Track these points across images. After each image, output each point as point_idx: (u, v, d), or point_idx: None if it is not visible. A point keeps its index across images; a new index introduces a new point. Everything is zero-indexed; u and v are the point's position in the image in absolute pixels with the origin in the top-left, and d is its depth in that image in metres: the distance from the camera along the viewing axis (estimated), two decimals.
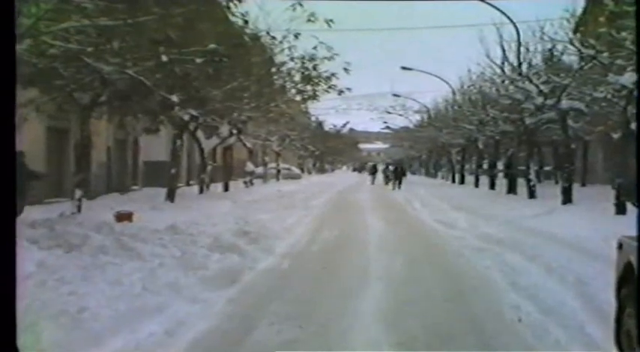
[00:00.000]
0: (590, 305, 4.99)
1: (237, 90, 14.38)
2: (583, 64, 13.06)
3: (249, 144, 28.41)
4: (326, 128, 66.25)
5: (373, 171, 40.81)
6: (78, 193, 10.97)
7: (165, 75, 10.16)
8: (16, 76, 2.28)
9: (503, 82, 18.42)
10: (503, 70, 17.47)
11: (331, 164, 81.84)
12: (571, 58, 14.26)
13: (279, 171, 37.05)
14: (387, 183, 30.15)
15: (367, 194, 26.60)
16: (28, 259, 5.68)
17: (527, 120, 17.64)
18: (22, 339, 2.40)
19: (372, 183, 38.56)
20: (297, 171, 45.18)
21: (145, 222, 10.07)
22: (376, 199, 22.91)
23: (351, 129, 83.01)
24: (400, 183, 28.50)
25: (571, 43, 12.77)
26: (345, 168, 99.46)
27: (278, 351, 4.14)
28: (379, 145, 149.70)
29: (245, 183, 27.03)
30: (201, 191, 19.86)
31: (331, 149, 64.70)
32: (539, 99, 15.26)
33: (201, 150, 20.30)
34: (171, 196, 15.75)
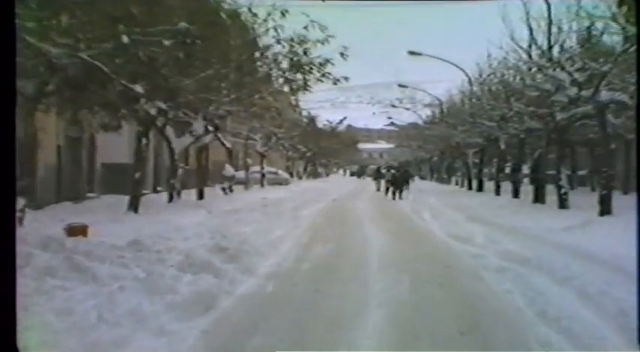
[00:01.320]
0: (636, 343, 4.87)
1: (214, 79, 14.34)
2: (628, 45, 12.12)
3: (228, 144, 28.50)
4: (319, 125, 66.44)
5: (378, 176, 41.06)
6: (20, 202, 10.73)
7: (126, 60, 9.83)
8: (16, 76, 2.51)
9: (529, 69, 18.08)
10: (530, 55, 17.00)
11: (325, 167, 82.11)
12: (613, 39, 13.63)
13: (263, 175, 37.16)
14: (387, 193, 30.32)
15: (367, 203, 26.74)
16: None
17: (558, 116, 17.28)
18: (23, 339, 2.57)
19: (379, 189, 38.89)
20: (285, 175, 45.32)
21: (103, 236, 10.05)
22: (378, 209, 23.04)
23: (350, 127, 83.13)
24: (401, 191, 28.44)
25: (614, 19, 11.89)
26: (341, 172, 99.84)
27: (278, 351, 4.35)
28: (382, 145, 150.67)
29: (223, 189, 27.10)
30: (170, 199, 19.89)
31: (326, 149, 64.97)
32: (573, 90, 14.71)
33: (171, 151, 20.30)
34: (134, 205, 15.71)
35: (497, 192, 28.74)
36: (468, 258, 10.22)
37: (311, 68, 14.29)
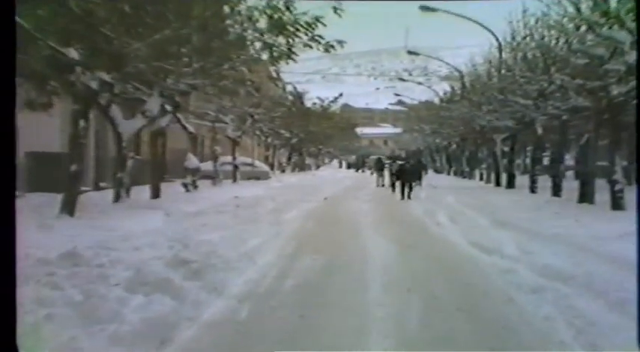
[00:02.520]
0: None
1: (171, 43, 14.22)
2: None
3: (191, 128, 28.74)
4: (308, 104, 66.88)
5: (379, 167, 41.78)
6: None
7: (54, 12, 9.23)
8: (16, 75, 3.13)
9: (577, 28, 17.57)
10: (578, 9, 16.32)
11: (315, 158, 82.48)
12: None
13: (236, 167, 37.39)
14: (393, 189, 30.77)
15: (368, 202, 26.95)
16: None
17: (614, 90, 16.88)
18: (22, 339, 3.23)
19: (380, 184, 39.84)
20: (263, 167, 45.60)
21: (28, 247, 9.84)
22: (381, 210, 23.18)
23: (346, 106, 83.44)
24: (411, 188, 28.43)
25: None
26: (335, 163, 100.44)
27: (278, 351, 4.71)
28: (387, 129, 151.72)
29: (185, 185, 27.24)
30: (117, 198, 19.90)
31: (316, 135, 65.42)
32: (633, 55, 13.75)
33: (118, 137, 20.20)
34: (69, 206, 15.55)
35: (533, 188, 29.02)
36: (495, 274, 10.26)
37: (296, 29, 14.08)
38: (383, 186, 39.19)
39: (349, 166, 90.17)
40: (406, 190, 28.24)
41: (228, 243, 12.39)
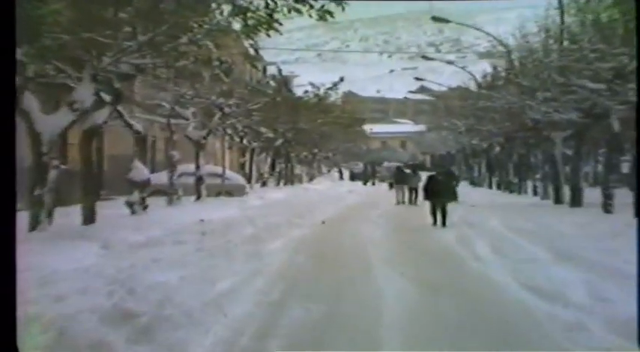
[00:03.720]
0: None
1: (106, 3, 13.75)
2: None
3: (138, 126, 28.61)
4: (298, 91, 66.87)
5: (400, 179, 43.16)
6: None
7: None
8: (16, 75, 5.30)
9: None
10: None
11: (308, 165, 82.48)
12: None
13: (200, 179, 37.22)
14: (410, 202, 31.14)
15: (382, 228, 27.11)
16: None
17: None
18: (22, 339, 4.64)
19: (401, 201, 41.89)
20: (238, 179, 45.76)
21: None
22: (400, 238, 23.53)
23: (350, 95, 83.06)
24: (444, 210, 27.63)
25: None
26: (335, 173, 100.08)
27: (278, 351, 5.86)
28: (405, 126, 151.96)
29: (130, 205, 27.17)
30: (34, 224, 19.65)
31: (309, 135, 65.56)
32: None
33: (35, 138, 19.91)
34: None
35: (607, 206, 29.15)
36: (557, 332, 10.29)
37: None
38: (404, 203, 41.24)
39: (353, 177, 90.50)
40: (438, 212, 27.71)
41: (189, 286, 12.42)
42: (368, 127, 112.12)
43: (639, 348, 5.63)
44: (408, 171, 44.83)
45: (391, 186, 44.85)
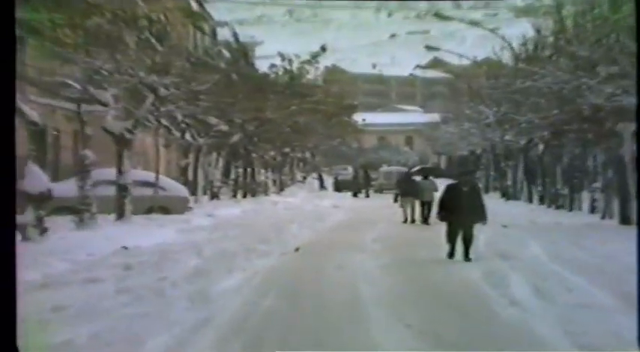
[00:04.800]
0: None
1: None
2: None
3: (33, 114, 28.21)
4: (262, 66, 66.20)
5: (409, 189, 43.23)
6: None
7: None
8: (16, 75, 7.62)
9: None
10: None
11: (277, 170, 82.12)
12: None
13: (124, 190, 36.93)
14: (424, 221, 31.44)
15: (379, 258, 27.07)
16: None
17: None
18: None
19: (410, 219, 42.49)
20: (178, 190, 45.40)
21: None
22: (406, 272, 23.63)
23: (335, 71, 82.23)
24: (469, 236, 27.08)
25: None
26: (314, 179, 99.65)
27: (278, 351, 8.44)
28: (412, 115, 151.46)
29: (21, 229, 26.57)
30: None
31: (277, 127, 64.85)
32: None
33: None
34: None
35: None
36: None
37: None
38: (413, 221, 42.01)
39: (340, 186, 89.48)
40: (459, 239, 27.14)
41: (106, 348, 12.43)
42: (360, 117, 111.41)
43: (639, 348, 6.78)
44: (418, 178, 45.09)
45: (396, 198, 44.34)
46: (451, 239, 27.42)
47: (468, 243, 27.12)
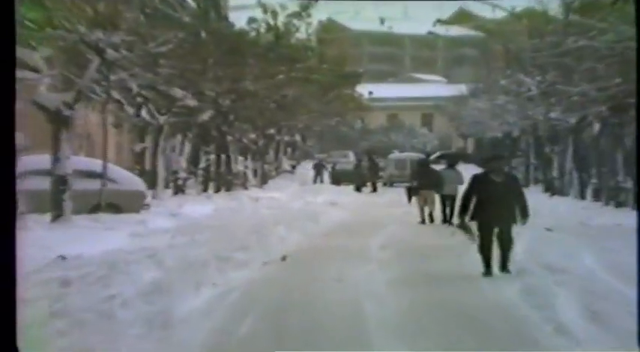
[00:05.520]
0: None
1: None
2: None
3: None
4: (238, 21, 66.08)
5: (426, 181, 43.50)
6: None
7: None
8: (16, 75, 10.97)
9: None
10: None
11: (259, 157, 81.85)
12: None
13: (61, 183, 37.09)
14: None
15: (388, 274, 26.96)
16: None
17: None
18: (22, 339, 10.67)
19: (428, 218, 43.40)
20: (132, 183, 45.47)
21: None
22: (423, 293, 23.56)
23: (332, 27, 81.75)
24: (507, 245, 26.89)
25: None
26: (307, 169, 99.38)
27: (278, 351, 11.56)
28: (431, 89, 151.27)
29: None
30: None
31: (259, 102, 64.30)
32: None
33: None
34: None
35: None
36: None
37: None
38: (432, 221, 42.59)
39: (338, 178, 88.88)
40: (493, 245, 26.93)
41: None
42: (365, 89, 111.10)
43: (639, 348, 7.70)
44: (438, 166, 45.26)
45: (410, 195, 43.86)
46: (485, 247, 26.96)
47: (505, 249, 26.91)
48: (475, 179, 28.17)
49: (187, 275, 22.92)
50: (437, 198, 42.99)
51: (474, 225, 27.51)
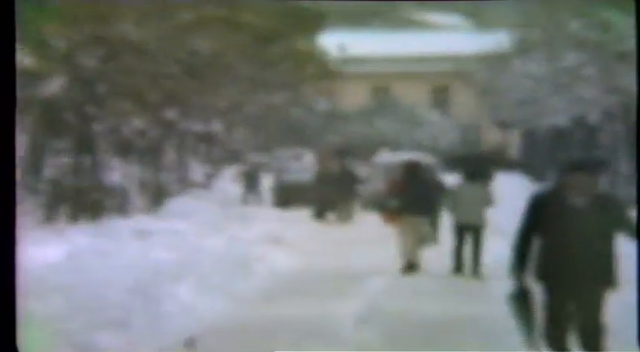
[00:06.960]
0: None
1: None
2: None
3: None
4: None
5: (425, 203, 35.97)
6: None
7: None
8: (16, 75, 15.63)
9: None
10: None
11: (152, 160, 71.57)
12: None
13: None
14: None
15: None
16: None
17: None
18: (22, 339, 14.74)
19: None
20: None
21: None
22: None
23: None
24: (592, 340, 21.83)
25: None
26: (239, 176, 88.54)
27: (277, 351, 18.46)
28: (441, 40, 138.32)
29: None
30: None
31: (147, 61, 53.74)
32: None
33: None
34: None
35: None
36: None
37: None
38: (416, 269, 33.22)
39: (287, 197, 74.60)
40: (571, 328, 19.97)
41: None
42: (334, 40, 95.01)
43: (639, 348, 11.16)
44: (455, 178, 38.88)
45: (384, 219, 34.00)
46: (558, 333, 19.63)
47: (590, 337, 19.70)
48: (537, 203, 19.72)
49: None
50: (431, 229, 34.21)
51: (536, 287, 18.84)
